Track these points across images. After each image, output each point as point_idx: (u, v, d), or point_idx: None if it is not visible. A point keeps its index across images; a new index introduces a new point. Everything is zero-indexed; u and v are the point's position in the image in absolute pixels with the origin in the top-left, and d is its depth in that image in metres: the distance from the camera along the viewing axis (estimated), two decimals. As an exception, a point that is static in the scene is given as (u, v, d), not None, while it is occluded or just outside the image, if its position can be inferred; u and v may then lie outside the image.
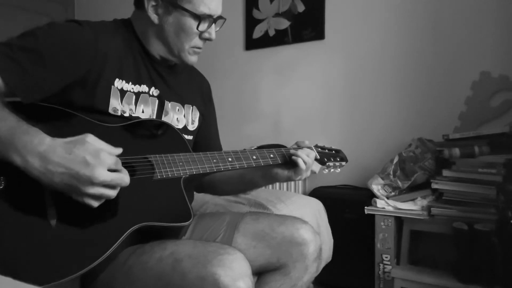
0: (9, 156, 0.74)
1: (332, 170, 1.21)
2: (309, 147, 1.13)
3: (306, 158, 1.06)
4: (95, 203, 0.78)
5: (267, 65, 2.66)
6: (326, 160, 1.17)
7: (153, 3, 1.00)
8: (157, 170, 0.91)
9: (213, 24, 1.05)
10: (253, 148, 1.11)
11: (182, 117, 1.13)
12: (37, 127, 0.77)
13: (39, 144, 0.74)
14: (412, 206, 1.80)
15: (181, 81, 1.16)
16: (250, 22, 2.70)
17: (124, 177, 0.78)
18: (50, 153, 0.74)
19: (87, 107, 0.93)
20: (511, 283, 1.47)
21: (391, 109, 2.25)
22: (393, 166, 1.93)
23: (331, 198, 2.02)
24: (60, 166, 0.74)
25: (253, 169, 1.11)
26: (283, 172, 1.08)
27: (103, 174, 0.75)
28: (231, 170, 1.04)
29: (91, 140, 0.77)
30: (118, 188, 0.79)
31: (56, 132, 0.79)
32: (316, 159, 1.15)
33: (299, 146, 1.12)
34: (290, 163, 1.08)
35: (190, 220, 0.89)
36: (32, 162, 0.73)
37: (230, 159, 1.02)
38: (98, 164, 0.75)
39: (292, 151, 1.08)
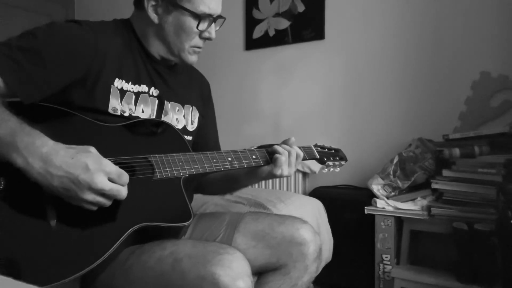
0: (10, 156, 0.74)
1: (331, 169, 1.21)
2: (308, 146, 1.13)
3: (281, 150, 1.04)
4: (92, 208, 0.78)
5: (267, 65, 2.66)
6: (325, 159, 1.17)
7: (153, 3, 1.00)
8: (157, 170, 0.91)
9: (213, 24, 1.05)
10: (253, 148, 1.11)
11: (182, 118, 1.13)
12: (38, 127, 0.78)
13: (41, 146, 0.75)
14: (412, 206, 1.79)
15: (181, 81, 1.16)
16: (250, 22, 2.70)
17: (121, 191, 0.78)
18: (53, 156, 0.74)
19: (87, 107, 0.93)
20: (511, 283, 1.47)
21: (391, 109, 2.25)
22: (393, 166, 1.93)
23: (331, 198, 2.02)
24: (61, 169, 0.74)
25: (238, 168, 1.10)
26: (263, 167, 1.06)
27: (102, 182, 0.75)
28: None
29: (93, 149, 0.78)
30: (113, 199, 0.79)
31: (56, 132, 0.79)
32: (315, 159, 1.15)
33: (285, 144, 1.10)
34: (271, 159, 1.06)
35: (190, 220, 0.89)
36: (33, 163, 0.73)
37: (230, 159, 1.02)
38: (99, 170, 0.75)
39: (270, 148, 1.07)
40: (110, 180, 0.77)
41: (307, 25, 2.49)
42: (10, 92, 0.82)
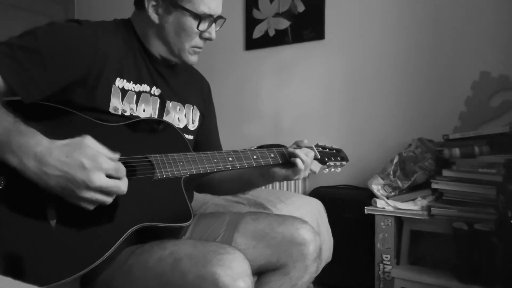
0: (5, 157, 0.73)
1: (332, 169, 1.21)
2: (309, 147, 1.13)
3: (305, 158, 1.05)
4: (90, 207, 0.77)
5: (267, 65, 2.66)
6: (326, 159, 1.17)
7: (154, 3, 1.00)
8: (157, 170, 0.91)
9: (213, 24, 1.05)
10: (253, 148, 1.11)
11: (183, 117, 1.13)
12: (38, 126, 0.77)
13: (35, 145, 0.74)
14: (412, 206, 1.79)
15: (181, 80, 1.16)
16: (250, 22, 2.70)
17: (121, 186, 0.77)
18: (47, 155, 0.73)
19: (88, 107, 0.93)
20: (511, 283, 1.47)
21: (391, 109, 2.25)
22: (393, 166, 1.93)
23: (331, 198, 2.02)
24: (56, 169, 0.73)
25: (252, 169, 1.11)
26: (280, 171, 1.07)
27: (99, 179, 0.74)
28: (231, 170, 1.04)
29: (90, 142, 0.77)
30: (114, 195, 0.78)
31: (57, 131, 0.79)
32: (316, 159, 1.14)
33: (298, 146, 1.12)
34: (288, 162, 1.08)
35: (190, 221, 0.89)
36: (28, 164, 0.73)
37: (230, 159, 1.02)
38: (95, 168, 0.74)
39: (290, 149, 1.08)
40: (108, 176, 0.76)
41: (307, 25, 2.49)
42: (11, 91, 0.82)
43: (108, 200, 0.77)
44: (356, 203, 1.96)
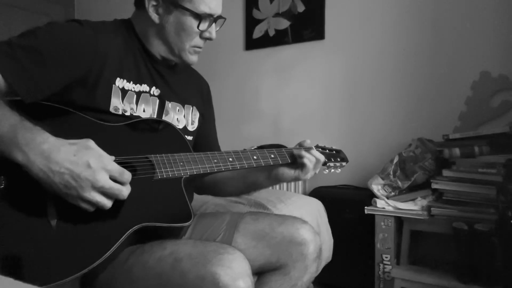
0: (11, 153, 0.74)
1: (332, 170, 1.21)
2: (309, 148, 1.13)
3: (311, 157, 1.07)
4: (90, 208, 0.78)
5: (267, 65, 2.66)
6: (326, 160, 1.17)
7: (154, 3, 1.00)
8: (157, 170, 0.91)
9: (214, 24, 1.05)
10: (253, 148, 1.11)
11: (182, 118, 1.13)
12: (39, 126, 0.77)
13: (42, 142, 0.75)
14: (412, 206, 1.80)
15: (181, 81, 1.16)
16: (250, 22, 2.70)
17: (122, 190, 0.78)
18: (54, 152, 0.74)
19: (88, 106, 0.93)
20: (511, 283, 1.47)
21: (391, 109, 2.25)
22: (393, 166, 1.93)
23: (331, 198, 2.02)
24: (62, 166, 0.74)
25: (257, 171, 1.11)
26: (290, 172, 1.08)
27: (104, 179, 0.75)
28: (233, 171, 1.04)
29: (93, 145, 0.79)
30: (113, 199, 0.79)
31: (57, 131, 0.79)
32: None
33: (301, 146, 1.12)
34: (295, 163, 1.08)
35: (191, 221, 0.89)
36: (34, 160, 0.73)
37: (230, 159, 1.02)
38: (101, 168, 0.76)
39: (295, 151, 1.09)
40: (112, 178, 0.77)
41: (307, 25, 2.49)
42: (11, 91, 0.82)
43: (108, 203, 0.78)
44: (356, 203, 1.96)
